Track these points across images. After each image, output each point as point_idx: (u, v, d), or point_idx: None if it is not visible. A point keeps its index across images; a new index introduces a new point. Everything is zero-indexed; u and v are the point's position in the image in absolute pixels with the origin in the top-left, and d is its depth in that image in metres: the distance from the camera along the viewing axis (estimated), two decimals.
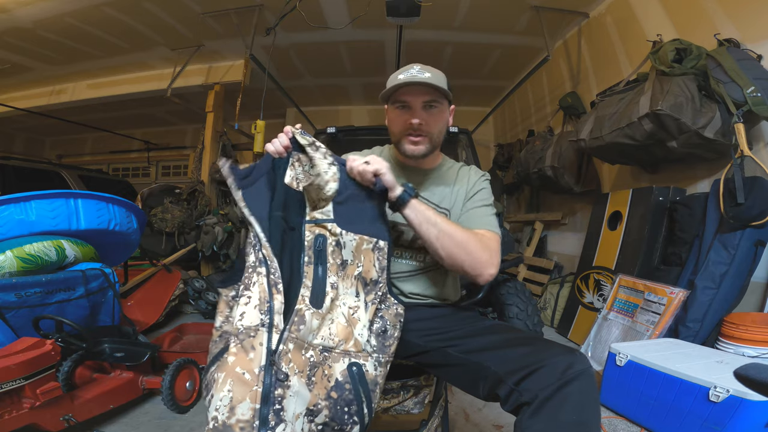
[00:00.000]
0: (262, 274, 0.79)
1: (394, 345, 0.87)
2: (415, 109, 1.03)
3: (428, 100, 1.02)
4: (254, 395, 0.69)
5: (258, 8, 3.60)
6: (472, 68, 4.84)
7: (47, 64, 4.71)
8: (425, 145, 1.06)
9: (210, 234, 4.16)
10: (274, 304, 0.76)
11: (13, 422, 1.28)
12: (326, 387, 0.76)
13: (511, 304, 2.20)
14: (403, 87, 1.02)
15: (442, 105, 1.06)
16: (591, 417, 0.74)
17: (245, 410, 0.68)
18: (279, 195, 0.88)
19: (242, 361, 0.71)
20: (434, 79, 1.00)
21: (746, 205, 1.87)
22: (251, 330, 0.74)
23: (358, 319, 0.84)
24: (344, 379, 0.78)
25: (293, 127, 0.90)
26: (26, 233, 1.76)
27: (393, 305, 0.89)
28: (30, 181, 3.89)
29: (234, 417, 0.67)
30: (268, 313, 0.75)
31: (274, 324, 0.74)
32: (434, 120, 1.05)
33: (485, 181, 1.14)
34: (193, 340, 2.54)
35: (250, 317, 0.75)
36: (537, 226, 4.20)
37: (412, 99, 1.02)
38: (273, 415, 0.69)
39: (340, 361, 0.79)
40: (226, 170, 0.87)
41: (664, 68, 2.17)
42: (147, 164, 7.53)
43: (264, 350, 0.72)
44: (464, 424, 1.75)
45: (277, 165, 0.91)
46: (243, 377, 0.70)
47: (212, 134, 4.82)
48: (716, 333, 1.93)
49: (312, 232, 0.88)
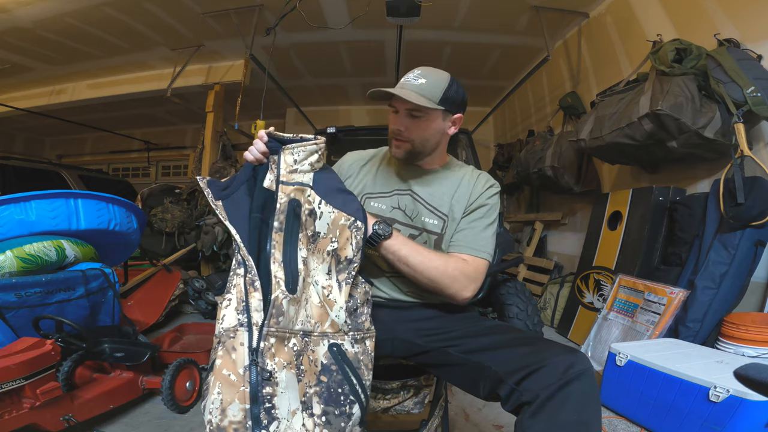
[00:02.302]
0: (240, 275, 0.80)
1: (366, 321, 0.89)
2: (400, 114, 1.04)
3: (411, 108, 1.02)
4: (242, 396, 0.70)
5: (258, 8, 3.60)
6: (472, 68, 4.84)
7: (47, 64, 4.71)
8: (405, 150, 1.07)
9: (210, 234, 4.16)
10: (251, 302, 0.76)
11: (13, 422, 1.28)
12: (315, 372, 0.77)
13: (511, 304, 2.20)
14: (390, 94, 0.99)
15: (427, 114, 1.03)
16: (592, 417, 0.74)
17: (236, 411, 0.69)
18: (258, 199, 0.88)
19: (227, 363, 0.72)
20: (424, 88, 0.99)
21: (746, 205, 1.87)
22: (230, 331, 0.75)
23: (334, 301, 0.84)
24: (329, 361, 0.79)
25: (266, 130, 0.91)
26: (26, 233, 1.76)
27: (361, 284, 0.90)
28: (30, 181, 3.89)
29: (226, 419, 0.68)
30: (245, 312, 0.76)
31: (253, 322, 0.75)
32: (417, 127, 1.04)
33: (492, 197, 1.10)
34: (193, 340, 2.54)
35: (229, 319, 0.76)
36: (537, 226, 4.20)
37: (398, 104, 1.04)
38: (264, 413, 0.70)
39: (321, 344, 0.81)
40: (203, 185, 0.89)
41: (664, 68, 2.17)
42: (147, 164, 7.53)
43: (245, 350, 0.73)
44: (464, 424, 1.74)
45: (257, 172, 0.92)
46: (229, 379, 0.71)
47: (212, 134, 4.81)
48: (716, 333, 1.93)
49: (286, 194, 0.85)
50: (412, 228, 1.09)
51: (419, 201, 1.10)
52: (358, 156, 1.22)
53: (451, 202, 1.09)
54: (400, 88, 1.00)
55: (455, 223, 1.08)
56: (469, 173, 1.14)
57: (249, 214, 0.85)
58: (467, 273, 0.99)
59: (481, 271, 1.02)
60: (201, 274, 4.24)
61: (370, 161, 1.20)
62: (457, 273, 0.98)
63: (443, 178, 1.13)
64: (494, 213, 1.09)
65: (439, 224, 1.08)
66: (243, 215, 0.85)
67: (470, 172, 1.14)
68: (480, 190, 1.09)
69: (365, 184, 1.15)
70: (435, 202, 1.10)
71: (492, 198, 1.09)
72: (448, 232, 1.08)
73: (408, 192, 1.11)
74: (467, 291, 0.99)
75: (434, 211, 1.09)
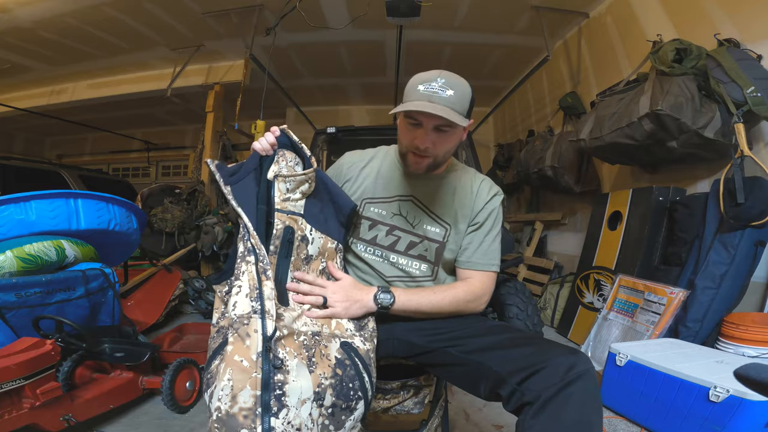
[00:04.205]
0: (251, 262, 0.81)
1: (371, 322, 0.96)
2: (425, 130, 0.97)
3: (440, 124, 0.95)
4: (254, 382, 0.69)
5: (258, 8, 3.60)
6: (471, 68, 4.84)
7: (47, 64, 4.71)
8: (427, 164, 1.03)
9: (210, 234, 4.16)
10: (264, 291, 0.76)
11: (13, 422, 1.28)
12: (330, 365, 0.79)
13: (511, 304, 2.20)
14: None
15: (454, 129, 0.97)
16: (593, 417, 0.74)
17: (247, 398, 0.68)
18: (262, 189, 0.91)
19: (240, 349, 0.71)
20: (455, 102, 0.93)
21: (746, 205, 1.87)
22: (244, 318, 0.75)
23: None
24: (342, 356, 0.82)
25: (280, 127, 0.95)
26: (26, 233, 1.75)
27: None
28: (30, 181, 3.88)
29: (237, 405, 0.67)
30: (259, 300, 0.76)
31: (266, 310, 0.75)
32: (443, 142, 0.99)
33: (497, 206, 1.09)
34: (193, 340, 2.54)
35: (242, 306, 0.76)
36: (537, 226, 4.20)
37: (424, 119, 0.95)
38: (275, 400, 0.69)
39: (332, 341, 0.84)
40: (213, 168, 0.91)
41: (664, 68, 2.17)
42: (147, 164, 7.52)
43: (259, 337, 0.72)
44: (464, 424, 1.74)
45: (263, 162, 0.95)
46: (242, 365, 0.70)
47: (212, 134, 4.82)
48: (716, 333, 1.93)
49: (282, 221, 0.89)
50: (413, 235, 1.07)
51: (421, 208, 1.08)
52: (357, 157, 1.18)
53: (454, 209, 1.08)
54: (430, 102, 0.92)
55: (458, 234, 1.07)
56: (473, 178, 1.12)
57: (256, 203, 0.88)
58: (478, 293, 1.05)
59: (489, 285, 1.07)
60: (201, 274, 4.24)
61: (370, 163, 1.16)
62: (470, 297, 1.03)
63: (446, 184, 1.10)
64: (498, 222, 1.10)
65: (441, 232, 1.07)
66: (252, 203, 0.87)
67: (473, 177, 1.13)
68: (484, 199, 1.08)
69: (365, 188, 1.12)
70: (437, 210, 1.08)
71: (497, 206, 1.10)
72: (450, 240, 1.07)
73: (410, 198, 1.09)
74: (481, 306, 1.06)
75: (436, 219, 1.08)
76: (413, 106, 0.92)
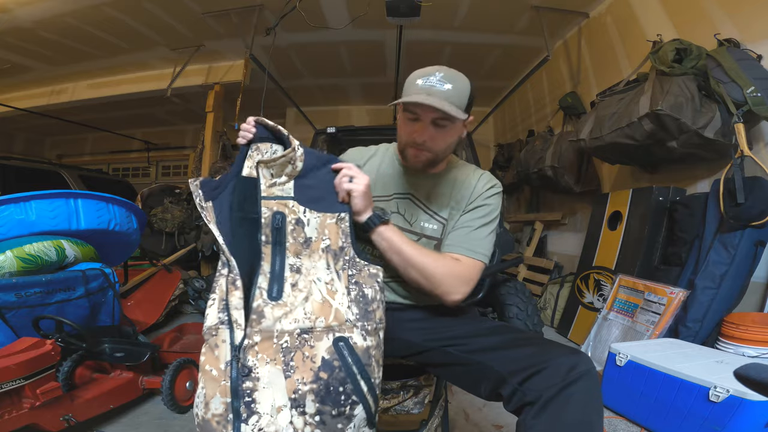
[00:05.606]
0: (224, 275, 0.82)
1: (378, 310, 0.84)
2: (423, 124, 0.97)
3: (438, 117, 0.95)
4: (224, 389, 0.73)
5: (258, 8, 3.60)
6: (471, 68, 4.79)
7: (47, 64, 4.71)
8: (426, 159, 1.03)
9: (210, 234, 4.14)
10: (231, 301, 0.78)
11: (13, 422, 1.28)
12: (312, 369, 0.75)
13: (511, 304, 2.20)
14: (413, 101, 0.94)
15: (453, 123, 0.98)
16: (595, 417, 0.74)
17: (218, 405, 0.72)
18: (238, 193, 0.88)
19: (210, 359, 0.76)
20: (453, 95, 0.93)
21: (746, 205, 1.87)
22: (212, 329, 0.78)
23: (335, 291, 0.83)
24: (331, 357, 0.76)
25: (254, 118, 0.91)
26: (26, 233, 1.75)
27: (364, 267, 0.87)
28: (30, 181, 3.88)
29: (210, 412, 0.72)
30: (225, 310, 0.78)
31: (233, 320, 0.77)
32: (441, 137, 0.99)
33: (493, 197, 1.06)
34: (193, 340, 2.53)
35: (211, 318, 0.79)
36: (537, 226, 4.20)
37: (422, 113, 0.96)
38: (244, 407, 0.72)
39: (324, 338, 0.78)
40: (194, 188, 0.88)
41: (664, 68, 2.17)
42: (147, 164, 7.52)
43: (227, 346, 0.76)
44: (464, 424, 1.74)
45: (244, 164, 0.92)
46: (211, 374, 0.74)
47: (212, 134, 4.81)
48: (716, 333, 1.93)
49: (269, 208, 0.87)
50: (410, 233, 1.07)
51: (418, 205, 1.08)
52: (358, 154, 1.19)
53: (450, 204, 1.07)
54: (428, 96, 0.92)
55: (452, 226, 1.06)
56: (471, 173, 1.11)
57: (230, 213, 0.86)
58: (458, 274, 0.96)
59: (474, 274, 0.98)
60: (201, 274, 4.24)
61: (371, 160, 1.17)
62: (447, 272, 0.94)
63: (445, 180, 1.10)
64: (493, 214, 1.05)
65: (438, 229, 1.07)
66: (226, 215, 0.86)
67: (472, 172, 1.11)
68: (480, 190, 1.06)
69: None
70: (434, 206, 1.08)
71: (492, 198, 1.06)
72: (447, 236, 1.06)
73: (408, 196, 1.09)
74: (457, 294, 0.94)
75: (433, 216, 1.07)
76: (410, 99, 0.93)
